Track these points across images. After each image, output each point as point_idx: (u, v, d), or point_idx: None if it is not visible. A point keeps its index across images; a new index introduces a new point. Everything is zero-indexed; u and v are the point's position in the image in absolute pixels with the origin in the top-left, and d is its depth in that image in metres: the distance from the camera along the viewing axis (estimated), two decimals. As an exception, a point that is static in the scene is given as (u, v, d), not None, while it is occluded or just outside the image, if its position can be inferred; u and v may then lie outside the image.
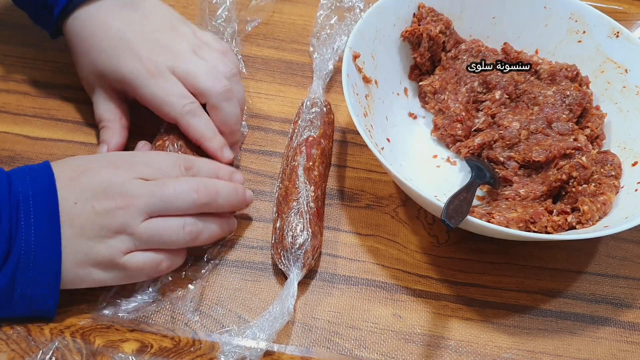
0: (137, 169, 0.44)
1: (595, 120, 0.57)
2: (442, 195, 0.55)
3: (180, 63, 0.51)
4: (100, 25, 0.51)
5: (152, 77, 0.50)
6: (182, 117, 0.50)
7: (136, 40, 0.51)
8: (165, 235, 0.44)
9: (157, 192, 0.43)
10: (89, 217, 0.42)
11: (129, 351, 0.43)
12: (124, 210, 0.42)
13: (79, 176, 0.43)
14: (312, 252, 0.47)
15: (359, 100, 0.54)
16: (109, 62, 0.50)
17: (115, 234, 0.42)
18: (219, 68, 0.53)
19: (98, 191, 0.42)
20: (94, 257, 0.42)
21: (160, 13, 0.54)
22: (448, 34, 0.62)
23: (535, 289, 0.51)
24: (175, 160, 0.47)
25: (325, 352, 0.46)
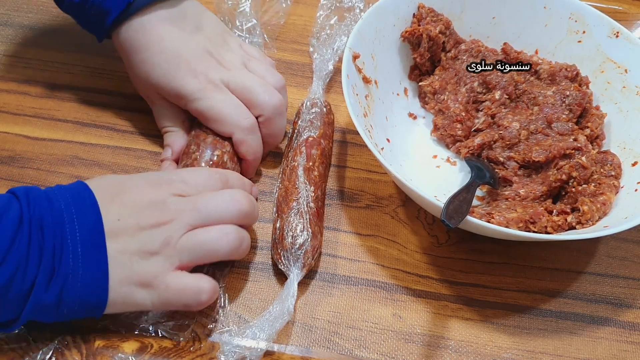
0: (175, 186, 0.44)
1: (595, 120, 0.57)
2: (442, 196, 0.55)
3: (234, 77, 0.52)
4: (153, 38, 0.51)
5: (208, 91, 0.51)
6: (241, 132, 0.51)
7: (190, 55, 0.51)
8: (208, 244, 0.43)
9: (199, 206, 0.43)
10: (133, 233, 0.41)
11: (128, 351, 0.43)
12: (167, 226, 0.42)
13: (119, 194, 0.43)
14: (312, 252, 0.47)
15: (359, 101, 0.54)
16: (165, 78, 0.51)
17: (158, 249, 0.42)
18: (270, 81, 0.53)
19: (140, 208, 0.42)
20: (139, 275, 0.41)
21: (211, 25, 0.55)
22: (448, 34, 0.62)
23: (535, 289, 0.51)
24: (209, 174, 0.47)
25: (325, 352, 0.46)
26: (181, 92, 0.51)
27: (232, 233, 0.44)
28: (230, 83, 0.52)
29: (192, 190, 0.45)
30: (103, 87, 0.61)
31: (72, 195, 0.41)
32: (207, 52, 0.52)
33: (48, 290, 0.38)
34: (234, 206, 0.44)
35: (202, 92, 0.51)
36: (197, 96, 0.51)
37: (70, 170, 0.54)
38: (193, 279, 0.43)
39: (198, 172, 0.47)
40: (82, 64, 0.62)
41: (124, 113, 0.59)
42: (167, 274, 0.42)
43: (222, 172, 0.48)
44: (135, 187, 0.44)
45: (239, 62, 0.54)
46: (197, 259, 0.43)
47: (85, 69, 0.62)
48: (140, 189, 0.43)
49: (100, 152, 0.55)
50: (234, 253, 0.44)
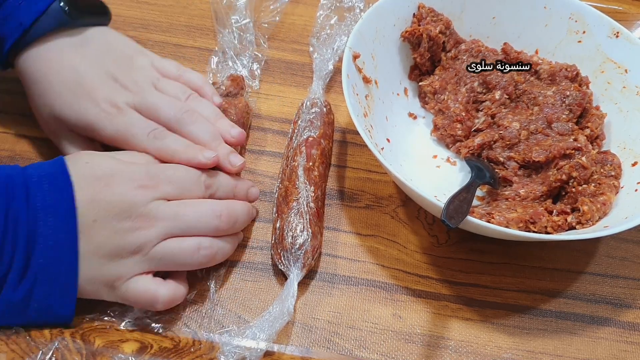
0: (160, 189, 0.44)
1: (595, 121, 0.57)
2: (442, 195, 0.55)
3: (140, 98, 0.49)
4: (53, 67, 0.49)
5: (112, 117, 0.48)
6: (150, 144, 0.48)
7: (92, 82, 0.49)
8: (179, 257, 0.44)
9: (179, 216, 0.43)
10: (108, 235, 0.41)
11: (128, 351, 0.43)
12: (145, 232, 0.42)
13: (101, 190, 0.42)
14: (312, 252, 0.47)
15: (359, 101, 0.54)
16: (68, 109, 0.48)
17: (130, 254, 0.42)
18: (180, 96, 0.51)
19: (120, 211, 0.42)
20: (106, 275, 0.42)
21: (116, 46, 0.53)
22: (448, 34, 0.62)
23: (535, 289, 0.51)
24: (197, 177, 0.46)
25: (325, 352, 0.46)
26: (87, 123, 0.48)
27: (206, 248, 0.44)
28: (136, 104, 0.49)
29: (178, 193, 0.44)
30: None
31: (50, 190, 0.41)
32: (111, 77, 0.50)
33: (18, 288, 0.39)
34: (212, 222, 0.45)
35: (107, 119, 0.48)
36: (102, 124, 0.48)
37: None
38: (153, 286, 0.43)
39: (186, 173, 0.46)
40: (82, 64, 0.62)
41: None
42: (130, 278, 0.42)
43: (211, 173, 0.47)
44: (119, 185, 0.43)
45: (145, 82, 0.51)
46: (166, 268, 0.44)
47: (85, 69, 0.62)
48: (125, 188, 0.43)
49: (100, 152, 0.55)
50: (205, 265, 0.45)
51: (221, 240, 0.46)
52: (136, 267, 0.42)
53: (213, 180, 0.47)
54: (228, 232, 0.46)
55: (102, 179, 0.43)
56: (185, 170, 0.46)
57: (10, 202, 0.39)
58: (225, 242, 0.46)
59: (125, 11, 0.68)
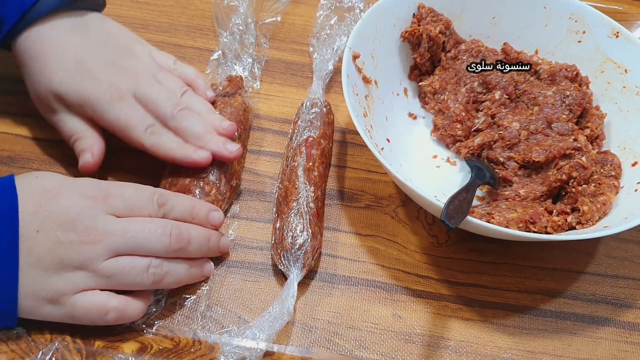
0: (110, 203, 0.42)
1: (595, 121, 0.57)
2: (442, 196, 0.55)
3: (141, 88, 0.50)
4: (54, 47, 0.49)
5: (114, 101, 0.49)
6: (147, 139, 0.49)
7: (94, 64, 0.49)
8: (129, 276, 0.42)
9: (128, 232, 0.42)
10: (51, 247, 0.40)
11: (128, 352, 0.43)
12: (91, 246, 0.41)
13: (47, 202, 0.41)
14: (312, 252, 0.47)
15: (359, 101, 0.54)
16: (69, 84, 0.49)
17: (75, 269, 0.40)
18: (177, 92, 0.52)
19: (65, 221, 0.40)
20: (47, 290, 0.40)
21: (116, 35, 0.53)
22: (448, 34, 0.62)
23: (535, 289, 0.51)
24: (150, 195, 0.45)
25: (325, 352, 0.46)
26: (88, 101, 0.48)
27: (155, 267, 0.43)
28: (136, 93, 0.50)
29: (128, 209, 0.43)
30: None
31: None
32: (112, 63, 0.50)
33: None
34: (162, 241, 0.43)
35: (108, 102, 0.49)
36: (103, 106, 0.48)
37: (70, 170, 0.53)
38: (103, 297, 0.41)
39: (139, 190, 0.45)
40: (82, 64, 0.62)
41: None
42: (74, 294, 0.41)
43: (164, 193, 0.46)
44: (66, 196, 0.42)
45: (146, 73, 0.52)
46: (114, 286, 0.42)
47: (85, 69, 0.62)
48: (72, 199, 0.41)
49: (100, 153, 0.55)
50: (154, 286, 0.43)
51: (173, 263, 0.44)
52: (82, 282, 0.41)
53: (168, 199, 0.45)
54: (179, 253, 0.44)
55: (50, 190, 0.42)
56: (137, 187, 0.46)
57: None
58: (179, 267, 0.44)
59: (126, 11, 0.68)
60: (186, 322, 0.46)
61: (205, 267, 0.48)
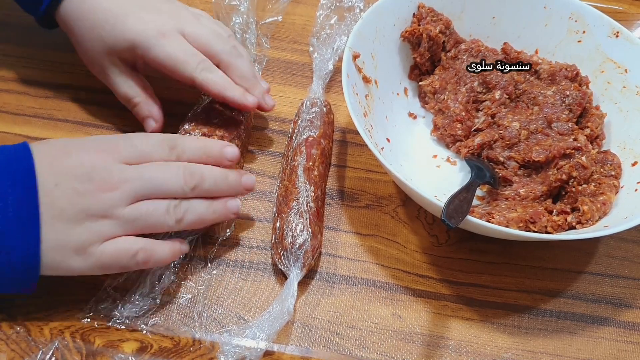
0: (122, 153, 0.43)
1: (595, 120, 0.57)
2: (442, 195, 0.55)
3: (187, 26, 0.52)
4: (95, 3, 0.51)
5: (162, 37, 0.50)
6: (199, 74, 0.51)
7: (137, 9, 0.51)
8: (151, 217, 0.43)
9: (144, 176, 0.43)
10: (71, 199, 0.41)
11: (128, 351, 0.43)
12: (109, 194, 0.41)
13: (60, 158, 0.42)
14: (312, 252, 0.47)
15: (359, 100, 0.54)
16: (115, 30, 0.50)
17: (98, 217, 0.41)
18: (221, 32, 0.54)
19: (82, 174, 0.41)
20: (73, 240, 0.41)
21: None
22: (448, 34, 0.62)
23: (535, 289, 0.51)
24: (159, 140, 0.46)
25: (325, 352, 0.46)
26: (136, 40, 0.50)
27: (174, 207, 0.44)
28: (185, 31, 0.51)
29: (141, 156, 0.44)
30: (103, 87, 0.60)
31: (8, 160, 0.41)
32: (156, 7, 0.52)
33: None
34: (178, 180, 0.44)
35: (157, 39, 0.50)
36: (152, 42, 0.50)
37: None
38: (129, 241, 0.42)
39: (149, 137, 0.46)
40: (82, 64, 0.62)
41: (123, 113, 0.58)
42: (101, 243, 0.41)
43: (173, 137, 0.47)
44: (79, 152, 0.43)
45: (188, 14, 0.54)
46: (140, 231, 0.43)
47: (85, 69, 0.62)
48: (85, 153, 0.43)
49: (100, 152, 0.55)
50: (179, 226, 0.44)
51: (193, 201, 0.45)
52: (107, 230, 0.41)
53: (176, 142, 0.46)
54: (197, 192, 0.45)
55: (61, 148, 0.43)
56: (145, 135, 0.47)
57: None
58: (197, 202, 0.45)
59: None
60: (186, 321, 0.46)
61: (229, 204, 0.47)
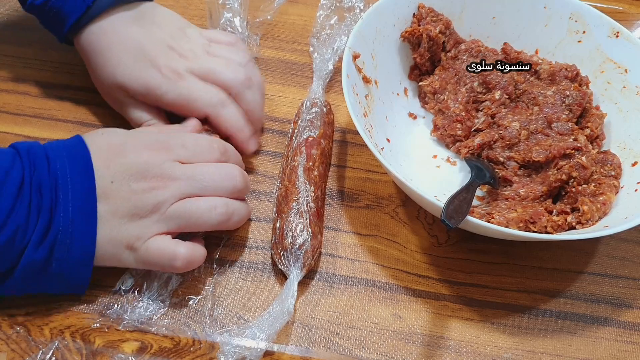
0: (174, 152, 0.46)
1: (595, 120, 0.57)
2: (442, 195, 0.55)
3: (197, 64, 0.53)
4: (115, 39, 0.52)
5: (174, 82, 0.52)
6: (213, 109, 0.52)
7: (153, 50, 0.52)
8: (196, 215, 0.44)
9: (196, 175, 0.45)
10: (125, 195, 0.43)
11: (128, 351, 0.43)
12: (161, 191, 0.44)
13: (115, 156, 0.44)
14: (312, 252, 0.47)
15: (359, 101, 0.54)
16: (130, 74, 0.52)
17: (148, 213, 0.43)
18: (234, 59, 0.55)
19: (136, 171, 0.43)
20: (125, 235, 0.43)
21: (169, 20, 0.56)
22: (448, 34, 0.62)
23: (535, 289, 0.51)
24: (211, 142, 0.48)
25: (325, 352, 0.46)
26: (149, 87, 0.51)
27: (221, 207, 0.45)
28: (195, 70, 0.53)
29: (191, 156, 0.46)
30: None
31: (69, 156, 0.43)
32: (168, 46, 0.53)
33: (39, 248, 0.40)
34: (229, 182, 0.46)
35: (169, 84, 0.51)
36: (164, 88, 0.51)
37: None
38: (172, 244, 0.44)
39: (199, 138, 0.48)
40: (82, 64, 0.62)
41: (124, 113, 0.59)
42: (149, 238, 0.43)
43: (222, 142, 0.50)
44: (133, 150, 0.44)
45: (200, 50, 0.55)
46: (184, 228, 0.45)
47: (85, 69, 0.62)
48: (139, 152, 0.44)
49: (100, 152, 0.55)
50: (222, 226, 0.46)
51: (237, 202, 0.47)
52: (154, 226, 0.44)
53: (226, 148, 0.49)
54: (239, 194, 0.48)
55: (116, 146, 0.45)
56: (197, 136, 0.49)
57: (33, 170, 0.41)
58: (240, 204, 0.48)
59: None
60: (186, 321, 0.46)
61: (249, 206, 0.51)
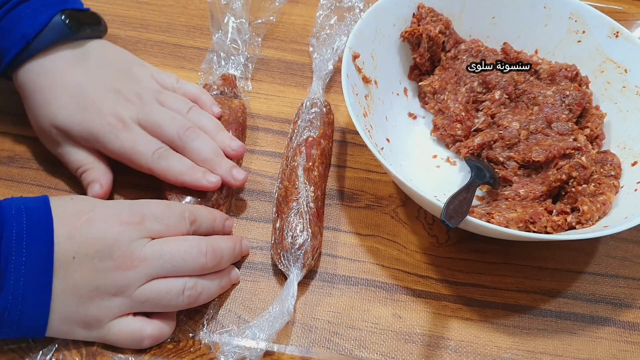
0: (145, 226, 0.42)
1: (595, 120, 0.57)
2: (442, 195, 0.55)
3: (144, 114, 0.50)
4: (57, 80, 0.49)
5: (118, 131, 0.48)
6: (155, 164, 0.48)
7: (96, 95, 0.49)
8: (164, 299, 0.42)
9: (165, 256, 0.42)
10: (87, 274, 0.40)
11: (128, 352, 0.43)
12: (127, 272, 0.40)
13: (81, 226, 0.40)
14: (312, 252, 0.47)
15: (359, 101, 0.54)
16: (72, 119, 0.48)
17: (111, 295, 0.40)
18: (182, 110, 0.52)
19: (102, 248, 0.40)
20: (82, 316, 0.40)
21: (116, 60, 0.53)
22: (448, 34, 0.62)
23: (535, 289, 0.51)
24: (181, 212, 0.45)
25: (325, 352, 0.46)
26: (92, 134, 0.48)
27: (190, 289, 0.43)
28: (140, 119, 0.49)
29: (163, 230, 0.43)
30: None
31: (28, 220, 0.39)
32: (114, 90, 0.50)
33: None
34: (198, 261, 0.43)
35: (113, 133, 0.48)
36: (107, 137, 0.48)
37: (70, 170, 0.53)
38: (138, 324, 0.42)
39: (169, 209, 0.45)
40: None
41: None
42: (111, 319, 0.41)
43: (193, 209, 0.46)
44: (101, 220, 0.41)
45: (148, 95, 0.51)
46: (150, 309, 0.42)
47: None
48: (108, 224, 0.41)
49: (100, 152, 0.55)
50: (189, 306, 0.44)
51: (206, 280, 0.44)
52: (117, 309, 0.41)
53: (197, 215, 0.46)
54: (214, 269, 0.45)
55: (85, 213, 0.41)
56: (167, 205, 0.46)
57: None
58: (211, 282, 0.45)
59: (125, 11, 0.68)
60: (186, 321, 0.46)
61: (232, 275, 0.48)
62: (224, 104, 0.56)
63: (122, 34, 0.65)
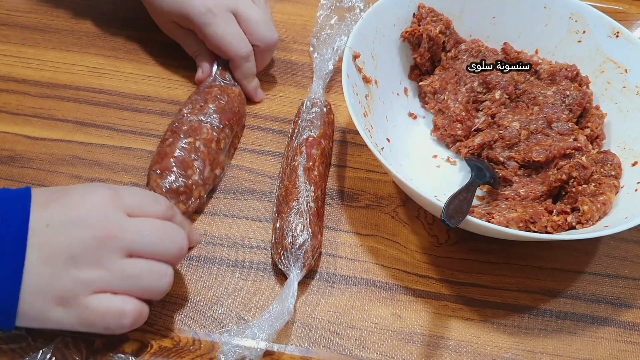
0: (122, 201, 0.40)
1: (595, 120, 0.57)
2: (442, 195, 0.55)
3: (241, 7, 0.57)
4: None
5: (214, 16, 0.55)
6: (238, 59, 0.58)
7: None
8: (146, 280, 0.40)
9: (143, 231, 0.40)
10: (62, 242, 0.38)
11: (128, 351, 0.43)
12: (104, 242, 0.38)
13: (58, 198, 0.39)
14: (312, 252, 0.47)
15: (359, 100, 0.54)
16: (175, 3, 0.56)
17: (89, 266, 0.38)
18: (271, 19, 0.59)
19: (77, 216, 0.38)
20: (58, 289, 0.38)
21: None
22: (448, 34, 0.62)
23: (535, 289, 0.51)
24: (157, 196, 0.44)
25: (325, 352, 0.46)
26: (189, 15, 0.56)
27: (170, 276, 0.41)
28: (238, 12, 0.57)
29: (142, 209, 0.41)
30: (103, 87, 0.61)
31: (6, 197, 0.39)
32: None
33: None
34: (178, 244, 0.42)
35: (208, 17, 0.55)
36: (203, 19, 0.55)
37: (70, 170, 0.53)
38: (119, 299, 0.39)
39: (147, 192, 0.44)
40: (82, 63, 0.62)
41: (124, 113, 0.59)
42: (89, 295, 0.38)
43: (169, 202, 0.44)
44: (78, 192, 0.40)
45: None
46: (129, 291, 0.40)
47: (85, 69, 0.62)
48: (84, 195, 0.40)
49: (100, 152, 0.55)
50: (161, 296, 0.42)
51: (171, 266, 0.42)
52: (95, 282, 0.38)
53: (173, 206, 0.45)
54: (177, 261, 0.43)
55: (63, 189, 0.41)
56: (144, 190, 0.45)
57: None
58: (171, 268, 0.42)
59: (131, 13, 0.68)
60: (186, 321, 0.46)
61: None
62: (223, 92, 0.57)
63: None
